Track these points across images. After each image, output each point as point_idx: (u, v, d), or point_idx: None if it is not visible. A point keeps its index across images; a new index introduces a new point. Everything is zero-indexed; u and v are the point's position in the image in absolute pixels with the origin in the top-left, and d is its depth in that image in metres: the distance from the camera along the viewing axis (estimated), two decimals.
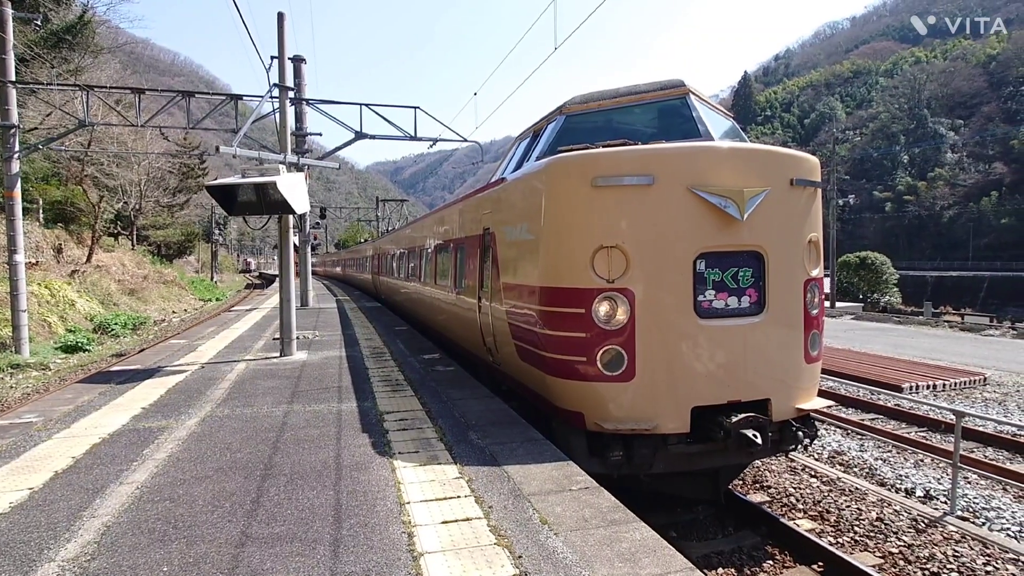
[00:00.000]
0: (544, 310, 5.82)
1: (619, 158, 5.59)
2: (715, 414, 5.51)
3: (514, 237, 6.76)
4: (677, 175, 5.45)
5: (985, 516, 6.71)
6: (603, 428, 5.45)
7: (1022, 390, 12.92)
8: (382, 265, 22.64)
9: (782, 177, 5.78)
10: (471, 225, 8.80)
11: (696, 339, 5.52)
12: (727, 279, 5.65)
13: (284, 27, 10.37)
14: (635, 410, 5.45)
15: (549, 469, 4.84)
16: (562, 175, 5.79)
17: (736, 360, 5.60)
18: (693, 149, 5.77)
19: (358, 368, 9.49)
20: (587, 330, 5.45)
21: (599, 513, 4.02)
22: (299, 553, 3.48)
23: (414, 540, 3.64)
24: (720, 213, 5.45)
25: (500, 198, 7.55)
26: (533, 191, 6.26)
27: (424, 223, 14.22)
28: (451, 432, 5.91)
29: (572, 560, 3.39)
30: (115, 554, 3.48)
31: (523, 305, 6.34)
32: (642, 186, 5.43)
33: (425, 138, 23.31)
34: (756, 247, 5.69)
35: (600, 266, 5.44)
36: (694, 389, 5.52)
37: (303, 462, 5.05)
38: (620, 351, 5.41)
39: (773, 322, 5.75)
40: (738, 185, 5.48)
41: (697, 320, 5.51)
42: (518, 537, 3.67)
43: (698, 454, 5.72)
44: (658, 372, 5.46)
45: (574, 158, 5.73)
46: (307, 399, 7.37)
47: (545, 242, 5.91)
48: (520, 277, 6.48)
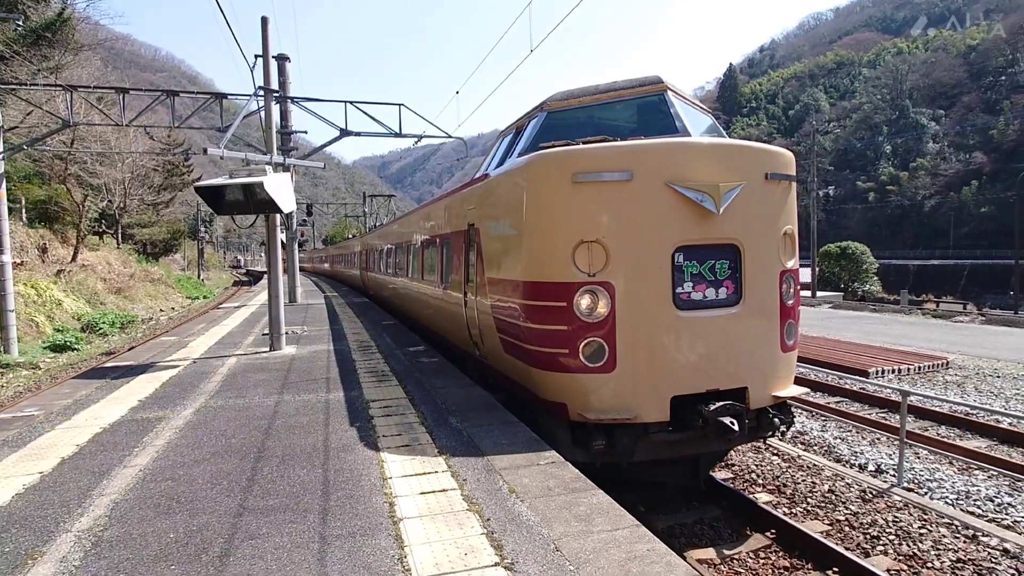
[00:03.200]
0: (527, 304, 5.95)
1: (598, 154, 5.70)
2: (694, 403, 5.66)
3: (498, 232, 6.87)
4: (655, 170, 5.59)
5: (928, 487, 7.25)
6: (586, 418, 5.58)
7: (981, 373, 13.57)
8: (370, 261, 22.77)
9: (757, 171, 5.95)
10: (456, 221, 8.91)
11: (675, 330, 5.67)
12: (705, 271, 5.80)
13: (268, 31, 10.67)
14: (616, 400, 5.59)
15: (521, 447, 5.28)
16: (543, 172, 5.91)
17: (714, 350, 5.77)
18: (670, 145, 5.93)
19: (346, 361, 9.88)
20: (569, 323, 5.59)
21: (562, 483, 4.46)
22: (291, 520, 3.90)
23: (395, 508, 4.07)
24: (697, 207, 5.60)
25: (484, 194, 7.63)
26: (515, 187, 6.36)
27: (411, 219, 14.31)
28: (432, 417, 6.33)
29: (534, 521, 3.83)
30: (125, 524, 3.88)
31: (507, 299, 6.46)
32: (621, 182, 5.56)
33: (410, 135, 23.59)
34: (732, 240, 5.85)
35: (581, 260, 5.57)
36: (674, 379, 5.67)
37: (293, 446, 5.46)
38: (601, 343, 5.55)
39: (750, 313, 5.92)
40: (714, 180, 5.63)
41: (676, 312, 5.67)
42: (488, 504, 4.11)
43: (678, 442, 5.85)
44: (639, 363, 5.60)
45: (555, 155, 5.85)
46: (296, 390, 7.76)
47: (527, 237, 6.03)
48: (504, 272, 6.60)
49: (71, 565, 3.39)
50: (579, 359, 5.58)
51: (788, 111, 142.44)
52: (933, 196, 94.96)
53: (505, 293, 6.52)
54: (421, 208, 13.45)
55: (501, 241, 6.74)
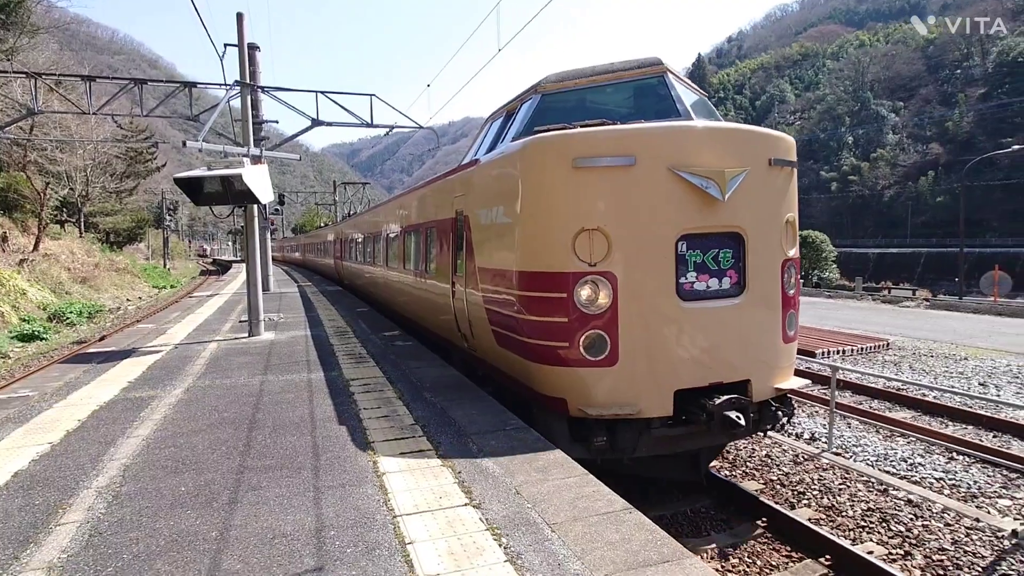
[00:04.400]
0: (524, 295, 5.74)
1: (599, 138, 5.49)
2: (697, 396, 5.53)
3: (489, 220, 6.62)
4: (658, 155, 5.38)
5: (854, 451, 8.13)
6: (586, 414, 5.40)
7: (917, 352, 14.69)
8: (346, 250, 22.48)
9: (761, 157, 5.76)
10: (442, 208, 8.66)
11: (678, 322, 5.51)
12: (708, 261, 5.61)
13: (244, 26, 10.97)
14: (618, 395, 5.43)
15: (489, 416, 5.92)
16: (540, 156, 5.68)
17: (717, 342, 5.62)
18: (674, 129, 5.70)
19: (324, 345, 10.38)
20: (568, 315, 5.41)
21: (525, 444, 5.11)
22: (288, 476, 4.47)
23: (378, 464, 4.67)
24: (701, 194, 5.41)
25: (473, 180, 7.36)
26: (509, 173, 6.14)
27: (391, 206, 13.93)
28: (408, 393, 6.92)
29: (499, 473, 4.47)
30: (139, 482, 4.41)
31: (501, 290, 6.24)
32: (623, 167, 5.36)
33: (381, 125, 23.85)
34: (736, 228, 5.68)
35: (581, 249, 5.37)
36: (677, 372, 5.52)
37: (282, 418, 6.00)
38: (603, 335, 5.37)
39: (753, 303, 5.76)
40: (719, 165, 5.43)
41: (679, 303, 5.50)
42: (460, 461, 4.74)
43: (680, 436, 5.70)
44: (641, 356, 5.44)
45: (553, 138, 5.62)
46: (279, 371, 8.26)
47: (523, 225, 5.82)
48: (497, 261, 6.38)
49: (97, 513, 3.92)
50: (579, 352, 5.40)
51: (755, 101, 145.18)
52: (892, 186, 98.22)
53: (499, 284, 6.31)
54: (402, 195, 13.11)
55: (494, 229, 6.51)
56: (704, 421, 5.46)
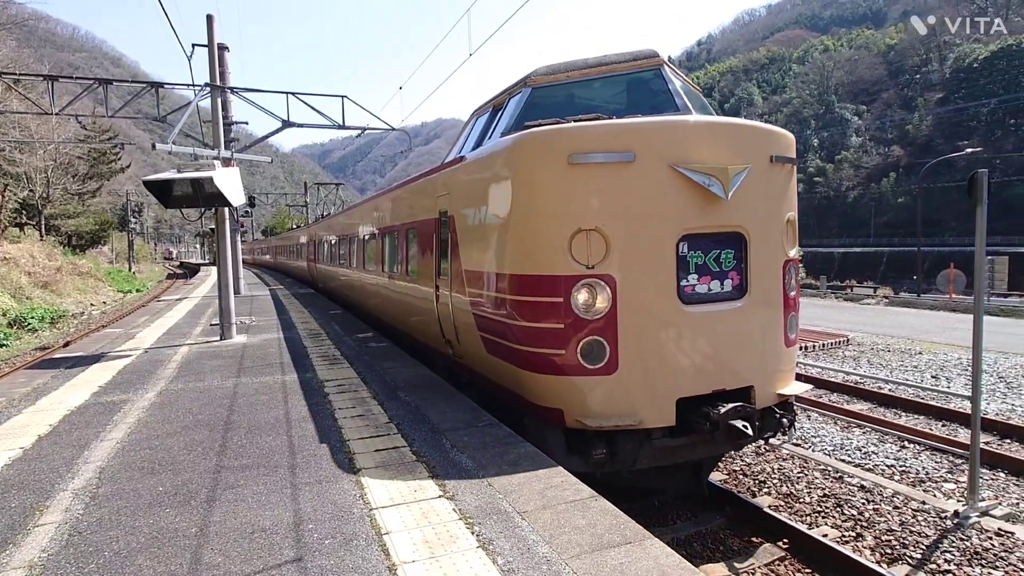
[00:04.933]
0: (516, 299, 5.49)
1: (597, 133, 5.25)
2: (699, 404, 5.29)
3: (477, 220, 6.32)
4: (658, 151, 5.16)
5: (812, 442, 8.50)
6: (585, 425, 5.17)
7: (875, 348, 15.28)
8: (319, 252, 21.91)
9: (763, 154, 5.57)
10: (424, 208, 8.33)
11: (680, 326, 5.29)
12: (709, 262, 5.41)
13: (214, 28, 10.93)
14: (618, 404, 5.19)
15: (462, 413, 6.08)
16: (534, 152, 5.40)
17: (720, 347, 5.40)
18: (675, 124, 5.48)
19: (297, 347, 10.41)
20: (565, 320, 5.15)
21: (497, 439, 5.29)
22: (265, 474, 4.57)
23: (354, 461, 4.80)
24: (703, 192, 5.20)
25: (459, 179, 7.03)
26: (500, 170, 5.84)
27: (367, 207, 13.43)
28: (383, 392, 7.05)
29: (472, 466, 4.65)
30: (116, 483, 4.47)
31: (491, 294, 5.96)
32: (622, 163, 5.12)
33: (353, 127, 23.78)
34: (738, 228, 5.48)
35: (579, 251, 5.13)
36: (679, 379, 5.30)
37: (258, 419, 6.07)
38: (601, 342, 5.13)
39: (755, 306, 5.57)
40: (722, 162, 5.24)
41: (681, 306, 5.28)
42: (433, 456, 4.90)
43: (682, 447, 5.48)
44: (641, 363, 5.20)
45: (547, 133, 5.35)
46: (253, 373, 8.29)
47: (516, 226, 5.56)
48: (486, 264, 6.09)
49: (75, 514, 3.98)
50: (577, 360, 5.15)
51: (724, 104, 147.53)
52: (856, 187, 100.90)
53: (488, 287, 6.03)
54: (379, 196, 12.63)
55: (482, 230, 6.24)
56: (708, 430, 5.22)
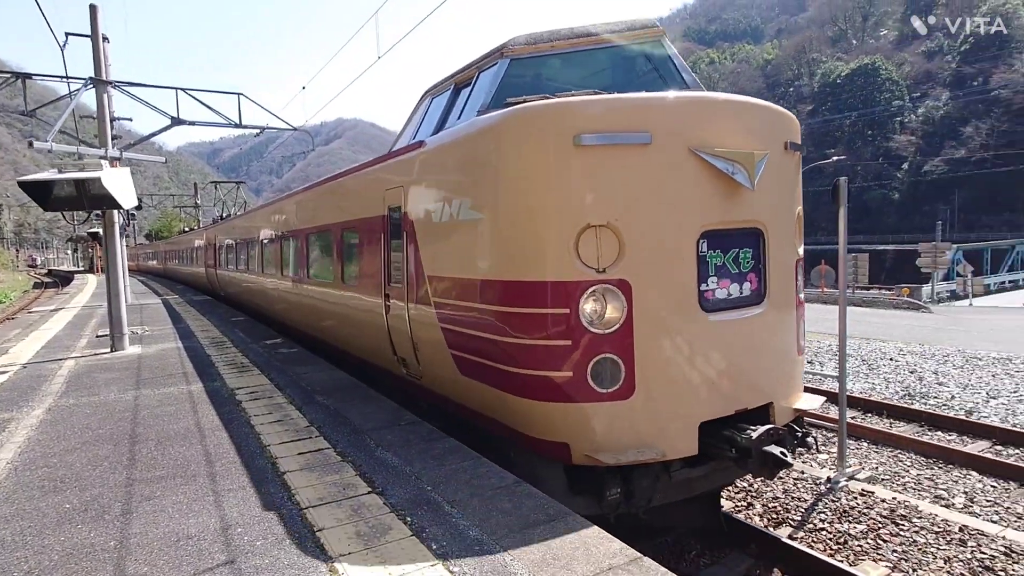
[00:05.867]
0: (507, 311, 4.64)
1: (608, 108, 4.50)
2: (720, 427, 4.66)
3: (447, 217, 5.42)
4: (678, 133, 4.49)
5: None
6: (597, 461, 4.36)
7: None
8: (222, 256, 19.95)
9: (778, 139, 5.03)
10: (367, 204, 7.27)
11: (702, 338, 4.60)
12: (729, 263, 4.77)
13: (98, 19, 10.19)
14: (636, 433, 4.44)
15: (383, 414, 6.15)
16: (530, 131, 4.55)
17: (742, 360, 4.77)
18: (695, 101, 4.79)
19: (200, 356, 9.94)
20: (572, 336, 4.37)
21: (420, 437, 5.42)
22: (183, 484, 4.45)
23: (278, 465, 4.78)
24: (725, 182, 4.57)
25: (418, 169, 6.05)
26: (482, 155, 4.95)
27: (288, 205, 11.97)
28: (300, 398, 6.95)
29: (397, 463, 4.77)
30: (14, 504, 4.19)
31: (469, 305, 5.08)
32: (637, 146, 4.40)
33: (251, 126, 22.80)
34: (757, 223, 4.88)
35: (587, 252, 4.38)
36: (702, 400, 4.61)
37: (166, 430, 5.83)
38: (615, 360, 4.38)
39: (774, 311, 4.99)
40: (745, 147, 4.64)
41: (702, 315, 4.60)
42: (359, 456, 4.97)
43: (701, 477, 4.88)
44: (661, 383, 4.49)
45: (548, 109, 4.52)
46: (154, 385, 7.87)
47: (506, 222, 4.71)
48: (462, 269, 5.22)
49: None
50: (587, 383, 4.37)
51: None
52: None
53: (465, 297, 5.15)
54: (303, 192, 11.16)
55: (454, 228, 5.31)
56: (735, 457, 4.59)
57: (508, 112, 4.71)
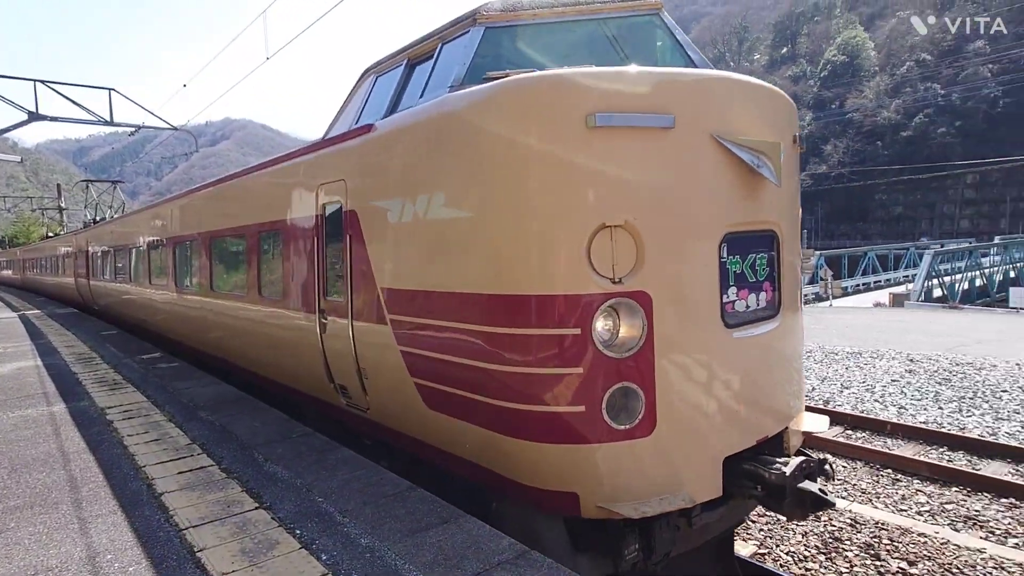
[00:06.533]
0: (500, 333, 3.80)
1: (629, 84, 3.79)
2: (738, 460, 4.02)
3: (410, 216, 4.47)
4: (700, 117, 3.84)
5: None
6: (615, 513, 3.61)
7: None
8: (98, 265, 17.41)
9: (788, 129, 4.46)
10: (295, 202, 6.21)
11: (726, 358, 3.97)
12: (747, 270, 4.16)
13: None
14: (657, 476, 3.75)
15: (273, 427, 5.94)
16: (531, 108, 3.76)
17: (762, 382, 4.23)
18: (719, 81, 4.12)
19: (64, 374, 9.07)
20: (584, 361, 3.62)
21: (312, 449, 5.30)
22: (42, 514, 4.08)
23: (154, 486, 4.50)
24: (746, 176, 3.95)
25: (369, 157, 5.03)
26: (462, 138, 4.06)
27: (187, 205, 10.19)
28: (181, 414, 6.55)
29: (287, 476, 4.64)
30: None
31: (443, 324, 4.21)
32: (657, 131, 3.72)
33: (125, 124, 21.23)
34: (773, 225, 4.34)
35: (600, 257, 3.64)
36: (726, 432, 3.97)
37: (23, 455, 5.30)
38: (635, 390, 3.67)
39: (788, 324, 4.46)
40: (769, 136, 4.08)
41: (725, 332, 3.96)
42: (245, 471, 4.78)
43: (718, 520, 4.25)
44: (685, 414, 3.82)
45: (555, 80, 3.75)
46: (7, 407, 7.10)
47: (498, 222, 3.84)
48: (432, 280, 4.30)
49: None
50: (602, 419, 3.63)
51: None
52: None
53: (436, 314, 4.28)
54: (206, 189, 9.48)
55: (420, 229, 4.41)
56: (761, 496, 4.03)
57: (500, 85, 3.85)
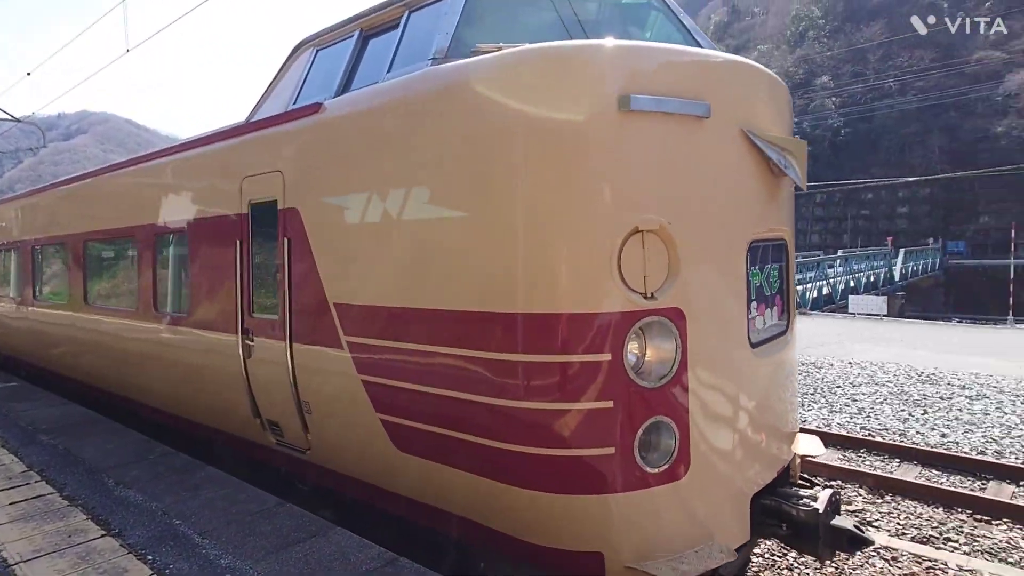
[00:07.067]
0: (510, 361, 3.15)
1: (666, 62, 3.29)
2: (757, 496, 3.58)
3: (378, 216, 3.77)
4: (731, 108, 3.37)
5: None
6: (648, 574, 2.99)
7: None
8: None
9: (790, 126, 4.15)
10: (210, 198, 5.33)
11: (751, 383, 3.57)
12: (764, 283, 3.79)
13: None
14: (689, 525, 3.21)
15: (129, 447, 5.55)
16: (552, 85, 3.17)
17: (778, 407, 3.86)
18: (747, 69, 3.68)
19: None
20: (615, 393, 3.04)
21: (173, 469, 4.99)
22: None
23: None
24: (769, 177, 3.58)
25: (316, 143, 4.28)
26: (457, 120, 3.41)
27: (55, 201, 8.66)
28: (17, 438, 5.92)
29: (141, 500, 4.35)
30: None
31: (425, 350, 3.53)
32: (692, 120, 3.19)
33: None
34: (783, 233, 3.99)
35: (632, 268, 3.06)
36: (751, 465, 3.55)
37: None
38: (669, 425, 3.11)
39: (794, 340, 4.14)
40: (786, 132, 3.80)
41: (750, 352, 3.54)
42: (92, 497, 4.42)
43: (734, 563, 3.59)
44: (719, 450, 3.35)
45: (584, 52, 3.21)
46: None
47: (506, 224, 3.19)
48: (411, 294, 3.61)
49: None
50: (634, 461, 3.04)
51: None
52: None
53: (416, 336, 3.58)
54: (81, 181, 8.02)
55: (392, 233, 3.72)
56: (786, 535, 3.63)
57: (511, 56, 3.22)
